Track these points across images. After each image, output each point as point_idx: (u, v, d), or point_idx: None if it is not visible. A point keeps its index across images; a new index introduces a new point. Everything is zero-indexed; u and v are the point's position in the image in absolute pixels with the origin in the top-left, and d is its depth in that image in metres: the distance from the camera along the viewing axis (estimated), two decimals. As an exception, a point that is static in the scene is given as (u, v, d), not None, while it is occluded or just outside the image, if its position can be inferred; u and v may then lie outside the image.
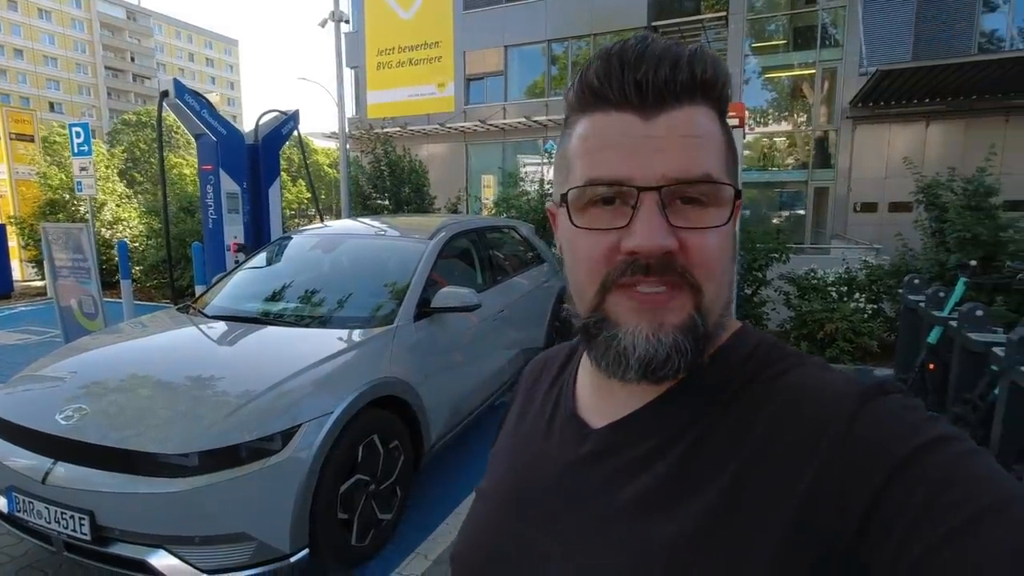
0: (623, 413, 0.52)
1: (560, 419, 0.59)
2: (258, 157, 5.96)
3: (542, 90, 18.70)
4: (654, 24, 16.95)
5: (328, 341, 2.74)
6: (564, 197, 0.49)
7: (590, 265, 0.48)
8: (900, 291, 4.74)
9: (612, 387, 0.53)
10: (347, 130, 10.24)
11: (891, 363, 5.41)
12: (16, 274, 10.23)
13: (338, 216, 12.70)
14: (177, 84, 5.14)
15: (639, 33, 0.48)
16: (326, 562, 2.29)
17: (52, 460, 2.11)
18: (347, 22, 10.55)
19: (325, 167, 43.34)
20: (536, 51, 18.71)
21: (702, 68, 0.46)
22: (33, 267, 10.94)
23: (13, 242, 10.33)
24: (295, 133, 6.49)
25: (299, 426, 2.16)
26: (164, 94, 5.07)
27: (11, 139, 11.12)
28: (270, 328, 2.91)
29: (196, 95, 5.31)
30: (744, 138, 4.11)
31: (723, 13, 16.26)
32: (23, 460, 2.16)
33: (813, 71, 15.28)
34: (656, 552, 0.44)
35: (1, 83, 56.79)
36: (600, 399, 0.56)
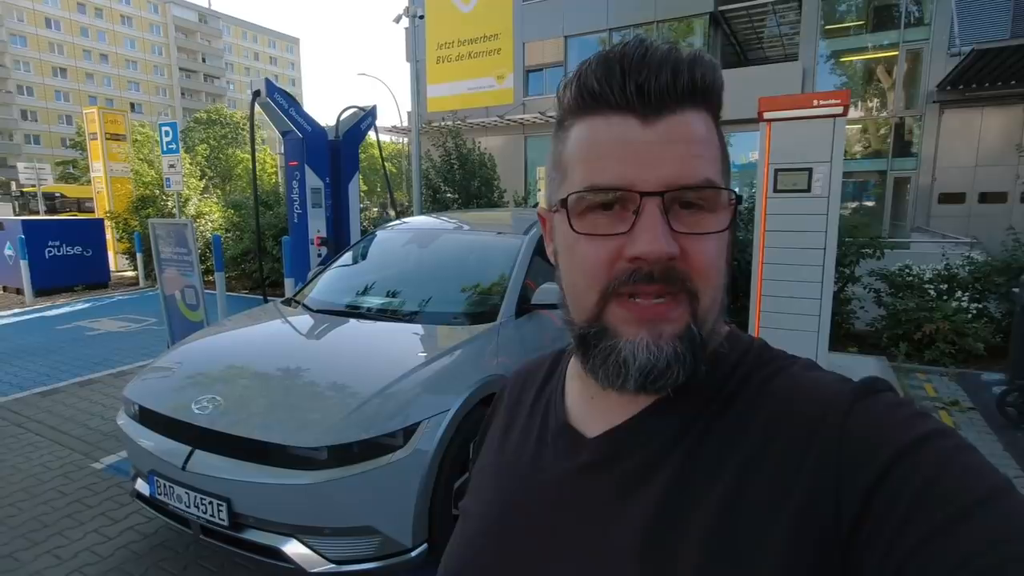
0: (618, 420, 0.51)
1: (551, 431, 0.57)
2: (339, 153, 6.12)
3: (602, 80, 18.35)
4: (720, 9, 16.31)
5: (437, 337, 2.78)
6: (563, 202, 0.48)
7: (592, 272, 0.46)
8: (1015, 290, 4.39)
9: (606, 395, 0.52)
10: (419, 124, 10.34)
11: (1000, 367, 5.03)
12: (111, 265, 10.96)
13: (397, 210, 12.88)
14: (268, 84, 5.32)
15: (637, 35, 0.47)
16: (440, 557, 2.32)
17: (190, 448, 2.22)
18: (422, 17, 10.67)
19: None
20: (596, 41, 18.38)
21: (702, 73, 0.46)
22: (126, 258, 11.71)
23: (108, 235, 11.06)
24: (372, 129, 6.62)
25: (419, 423, 2.19)
26: (256, 93, 5.26)
27: (107, 139, 11.90)
28: (378, 324, 2.97)
29: (285, 94, 5.50)
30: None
31: (796, -6, 15.46)
32: (164, 446, 2.29)
33: (895, 52, 14.32)
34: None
35: (90, 86, 60.94)
36: (593, 408, 0.54)
